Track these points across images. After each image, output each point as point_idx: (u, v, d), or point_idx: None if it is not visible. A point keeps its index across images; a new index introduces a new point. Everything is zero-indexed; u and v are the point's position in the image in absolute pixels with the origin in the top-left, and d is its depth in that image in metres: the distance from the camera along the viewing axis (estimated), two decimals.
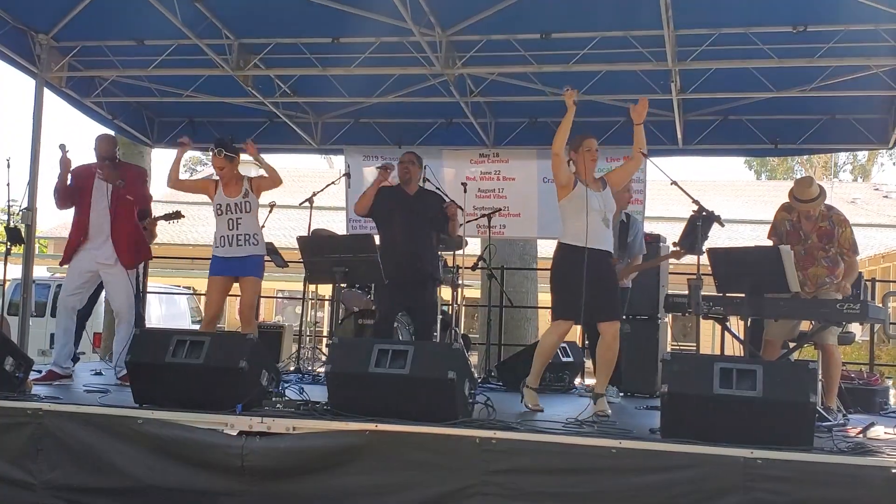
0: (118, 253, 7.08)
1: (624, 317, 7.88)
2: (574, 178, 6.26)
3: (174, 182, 7.16)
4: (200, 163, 40.60)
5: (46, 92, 8.92)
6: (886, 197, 30.58)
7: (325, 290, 10.83)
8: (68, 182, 7.14)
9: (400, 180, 7.41)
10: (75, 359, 8.30)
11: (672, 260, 8.44)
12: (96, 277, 7.21)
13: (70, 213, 7.29)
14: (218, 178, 7.09)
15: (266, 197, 7.37)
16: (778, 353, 6.56)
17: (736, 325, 6.58)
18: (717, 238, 6.47)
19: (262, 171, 7.17)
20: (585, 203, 6.11)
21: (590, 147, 6.32)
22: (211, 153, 7.11)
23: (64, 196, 7.16)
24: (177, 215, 8.21)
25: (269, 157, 7.64)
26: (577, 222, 6.14)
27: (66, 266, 7.28)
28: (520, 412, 6.07)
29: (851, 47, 7.57)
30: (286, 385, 6.44)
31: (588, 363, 8.88)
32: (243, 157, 7.35)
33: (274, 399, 5.64)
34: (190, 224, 22.53)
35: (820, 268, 6.52)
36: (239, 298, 7.12)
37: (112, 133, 7.33)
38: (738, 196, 27.77)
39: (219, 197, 7.03)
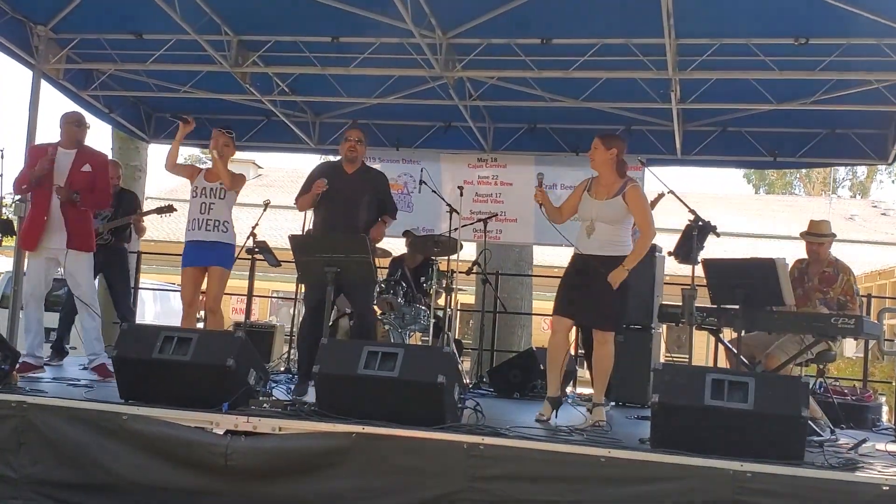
0: (70, 238, 6.94)
1: None
2: (583, 187, 6.31)
3: (172, 166, 7.12)
4: (199, 160, 40.58)
5: (43, 84, 8.87)
6: (884, 214, 30.62)
7: None
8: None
9: (344, 157, 7.12)
10: (65, 352, 8.26)
11: (668, 270, 8.42)
12: (56, 264, 7.09)
13: None
14: (202, 167, 7.15)
15: (262, 195, 7.35)
16: None
17: (730, 336, 6.56)
18: (714, 251, 6.43)
19: (252, 171, 7.18)
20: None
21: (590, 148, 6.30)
22: (219, 130, 7.18)
23: (30, 184, 7.01)
24: (169, 209, 8.15)
25: (265, 156, 7.66)
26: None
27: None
28: (509, 418, 6.01)
29: (853, 61, 7.54)
30: (274, 385, 6.39)
31: (581, 372, 8.84)
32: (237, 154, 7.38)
33: (261, 398, 5.59)
34: (184, 221, 22.49)
35: (812, 308, 6.56)
36: (205, 289, 7.08)
37: (81, 114, 7.20)
38: (735, 209, 27.75)
39: (198, 180, 7.07)
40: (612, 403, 7.54)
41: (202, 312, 7.61)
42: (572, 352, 8.82)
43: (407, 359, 5.31)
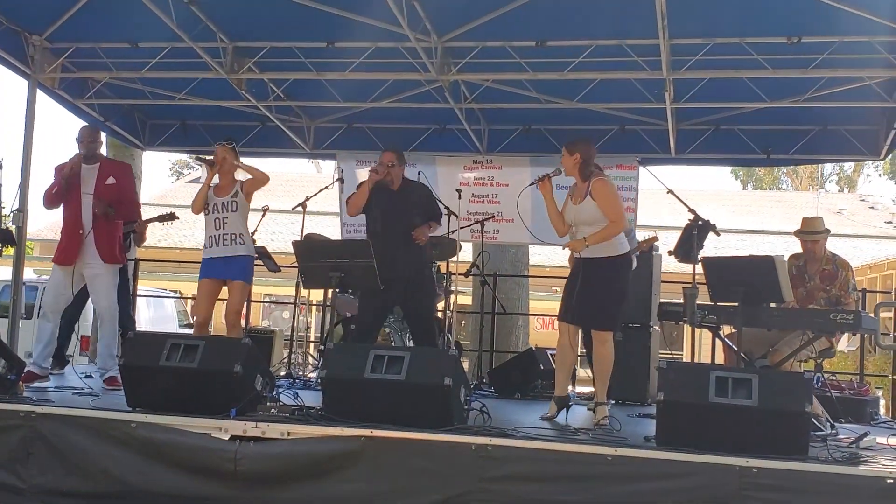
0: (100, 250, 7.01)
1: None
2: (568, 193, 6.41)
3: (200, 209, 7.00)
4: (187, 166, 40.52)
5: (39, 93, 8.86)
6: (872, 208, 30.76)
7: (315, 294, 10.82)
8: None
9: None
10: (66, 361, 8.27)
11: (665, 268, 8.49)
12: (80, 277, 7.13)
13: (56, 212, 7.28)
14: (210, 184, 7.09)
15: (259, 200, 7.35)
16: None
17: (727, 332, 6.62)
18: (706, 248, 6.50)
19: (242, 176, 7.15)
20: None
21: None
22: (218, 145, 7.14)
23: (58, 196, 7.09)
24: (171, 217, 8.16)
25: (260, 161, 7.63)
26: None
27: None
28: (514, 419, 6.05)
29: (845, 59, 7.60)
30: (279, 390, 6.42)
31: (581, 371, 8.90)
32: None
33: (268, 404, 5.62)
34: (178, 227, 22.49)
35: (817, 307, 6.64)
36: (225, 302, 7.08)
37: (86, 130, 7.24)
38: (724, 205, 27.87)
39: (209, 197, 7.02)
40: (612, 402, 7.60)
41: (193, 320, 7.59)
42: None
43: (413, 362, 5.36)
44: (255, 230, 8.66)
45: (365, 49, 8.30)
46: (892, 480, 4.60)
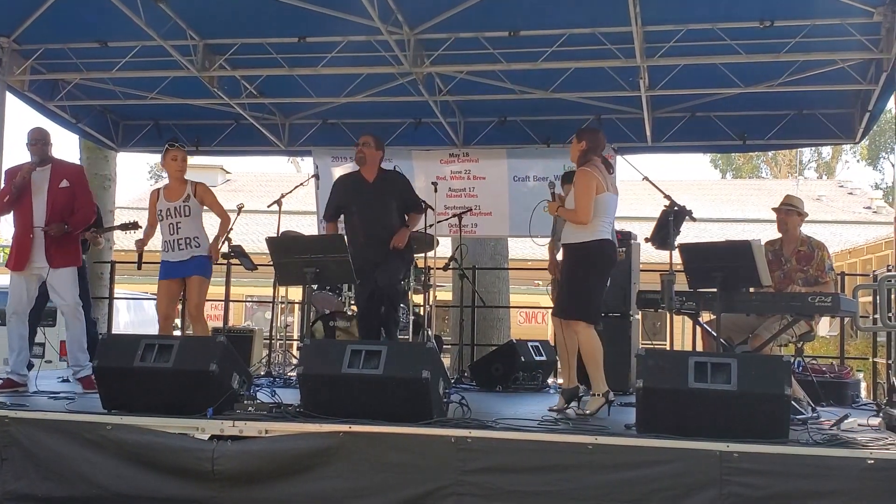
0: (54, 255, 6.88)
1: None
2: None
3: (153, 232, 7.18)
4: (161, 169, 40.33)
5: (9, 96, 8.77)
6: (851, 194, 30.90)
7: (295, 294, 10.77)
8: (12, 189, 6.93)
9: (356, 163, 7.31)
10: (31, 364, 8.15)
11: (643, 257, 8.47)
12: (38, 279, 7.03)
13: None
14: (159, 187, 7.11)
15: (236, 199, 7.33)
16: None
17: (707, 319, 6.60)
18: (686, 236, 6.48)
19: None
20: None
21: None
22: (167, 148, 7.16)
23: (10, 203, 6.94)
24: (133, 226, 8.09)
25: (236, 160, 7.58)
26: None
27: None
28: (494, 411, 6.01)
29: (818, 42, 7.63)
30: (258, 388, 6.36)
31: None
32: (191, 160, 7.46)
33: (246, 402, 5.56)
34: (158, 231, 22.38)
35: (796, 287, 6.63)
36: (186, 299, 7.13)
37: (37, 131, 7.11)
38: (704, 194, 27.95)
39: (160, 202, 7.07)
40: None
41: (177, 321, 7.58)
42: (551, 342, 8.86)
43: (390, 356, 5.31)
44: (231, 228, 8.58)
45: (337, 43, 8.25)
46: (872, 461, 4.59)
